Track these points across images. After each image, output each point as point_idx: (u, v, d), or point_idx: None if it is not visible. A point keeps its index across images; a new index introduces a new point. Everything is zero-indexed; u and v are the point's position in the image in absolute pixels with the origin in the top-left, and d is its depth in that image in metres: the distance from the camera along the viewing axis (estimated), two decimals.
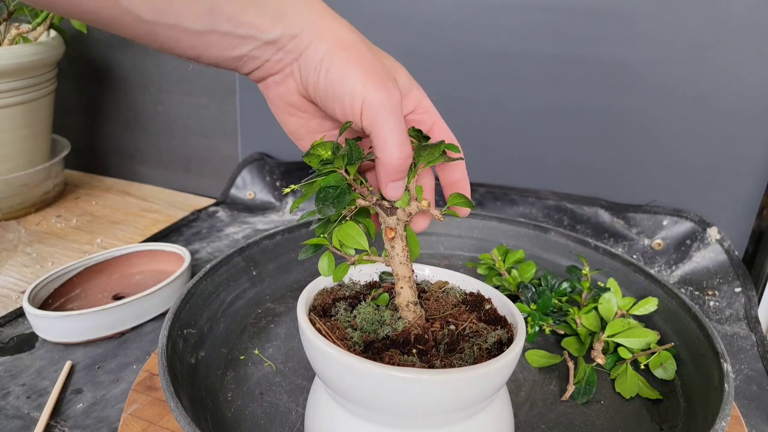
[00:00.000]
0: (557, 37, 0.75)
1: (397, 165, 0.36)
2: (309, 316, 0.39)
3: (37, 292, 0.60)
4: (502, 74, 0.79)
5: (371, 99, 0.35)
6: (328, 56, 0.35)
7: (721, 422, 0.39)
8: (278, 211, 0.91)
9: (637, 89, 0.74)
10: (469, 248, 0.74)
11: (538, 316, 0.57)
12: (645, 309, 0.55)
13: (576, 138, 0.79)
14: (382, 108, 0.35)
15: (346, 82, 0.35)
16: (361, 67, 0.35)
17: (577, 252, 0.66)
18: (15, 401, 0.49)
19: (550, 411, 0.48)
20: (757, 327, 0.63)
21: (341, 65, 0.35)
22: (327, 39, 0.36)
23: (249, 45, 0.35)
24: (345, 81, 0.35)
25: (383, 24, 0.82)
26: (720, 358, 0.45)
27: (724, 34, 0.68)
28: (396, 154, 0.35)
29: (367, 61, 0.36)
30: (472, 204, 0.39)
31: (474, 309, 0.42)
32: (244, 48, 0.35)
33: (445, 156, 0.39)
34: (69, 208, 0.92)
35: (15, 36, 0.81)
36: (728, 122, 0.72)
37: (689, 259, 0.75)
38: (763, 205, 0.74)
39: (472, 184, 0.86)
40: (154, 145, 1.07)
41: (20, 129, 0.82)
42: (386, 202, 0.39)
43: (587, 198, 0.81)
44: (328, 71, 0.35)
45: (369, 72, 0.35)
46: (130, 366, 0.54)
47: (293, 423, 0.45)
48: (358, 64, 0.35)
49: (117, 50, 1.02)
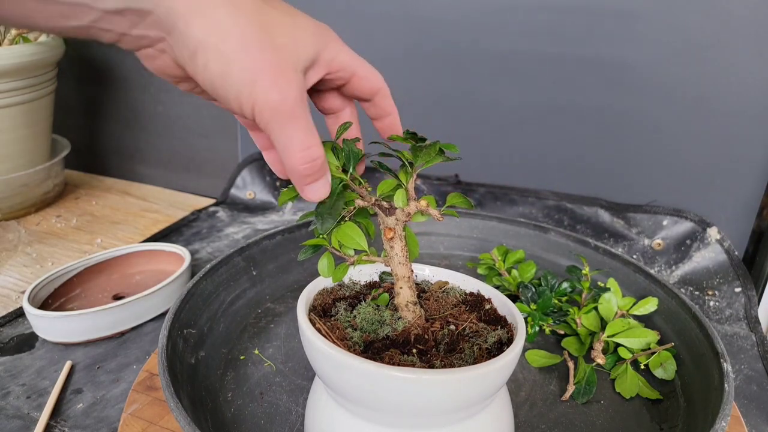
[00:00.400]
0: (557, 37, 0.75)
1: (303, 171, 0.32)
2: (309, 316, 0.39)
3: (37, 292, 0.60)
4: (502, 74, 0.79)
5: (262, 103, 0.30)
6: (203, 47, 0.29)
7: (721, 422, 0.39)
8: (278, 211, 0.91)
9: (637, 89, 0.74)
10: (469, 248, 0.74)
11: (538, 316, 0.57)
12: (645, 309, 0.55)
13: (576, 138, 0.79)
14: (276, 112, 0.30)
15: (230, 85, 0.29)
16: (248, 60, 0.29)
17: (577, 252, 0.66)
18: (15, 401, 0.49)
19: (550, 411, 0.48)
20: (757, 327, 0.63)
21: (220, 61, 0.29)
22: (199, 16, 0.28)
23: (87, 15, 0.28)
24: (227, 82, 0.29)
25: (383, 24, 0.82)
26: (720, 358, 0.45)
27: (724, 34, 0.68)
28: (299, 161, 0.32)
29: (254, 49, 0.29)
30: (471, 204, 0.39)
31: (474, 309, 0.42)
32: (83, 18, 0.28)
33: (443, 156, 0.39)
34: (69, 208, 0.92)
35: (15, 36, 0.81)
36: (728, 122, 0.72)
37: (689, 259, 0.75)
38: (763, 205, 0.74)
39: (473, 184, 0.86)
40: (154, 145, 1.07)
41: (20, 129, 0.82)
42: (385, 203, 0.39)
43: (587, 198, 0.81)
44: (205, 68, 0.29)
45: (257, 67, 0.29)
46: (130, 366, 0.54)
47: (293, 423, 0.45)
48: (242, 56, 0.29)
49: (117, 50, 1.02)
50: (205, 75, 0.30)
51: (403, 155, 0.38)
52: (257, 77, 0.29)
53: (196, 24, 0.28)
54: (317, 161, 0.33)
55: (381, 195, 0.39)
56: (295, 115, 0.31)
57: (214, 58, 0.29)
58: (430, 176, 0.87)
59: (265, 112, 0.30)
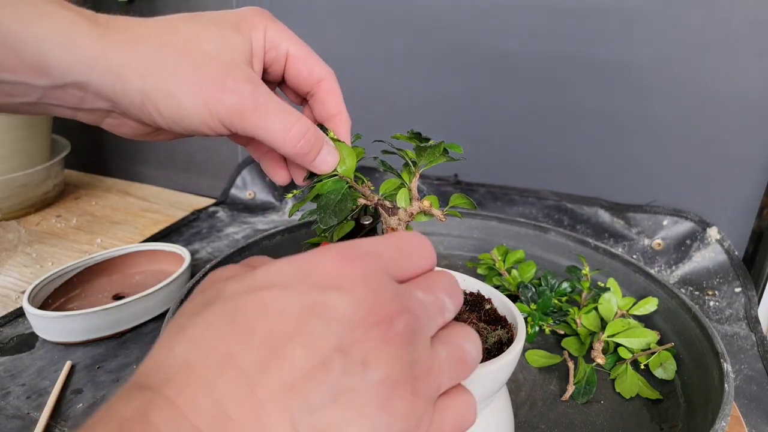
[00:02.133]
0: (557, 36, 0.75)
1: (300, 150, 0.32)
2: None
3: (37, 292, 0.60)
4: (502, 74, 0.79)
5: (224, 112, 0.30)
6: (145, 95, 0.29)
7: (721, 422, 0.39)
8: (278, 211, 0.91)
9: (637, 89, 0.74)
10: (469, 248, 0.74)
11: (538, 316, 0.57)
12: (645, 309, 0.55)
13: (576, 138, 0.79)
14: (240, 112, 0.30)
15: (189, 115, 0.29)
16: (188, 82, 0.29)
17: (577, 252, 0.66)
18: (15, 401, 0.49)
19: (550, 411, 0.48)
20: (757, 327, 0.63)
21: (166, 98, 0.29)
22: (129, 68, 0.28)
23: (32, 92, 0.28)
24: (185, 113, 0.29)
25: (383, 24, 0.82)
26: (720, 358, 0.45)
27: (724, 34, 0.68)
28: (290, 145, 0.31)
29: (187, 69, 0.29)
30: (474, 205, 0.39)
31: (474, 309, 0.42)
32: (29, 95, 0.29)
33: (447, 156, 0.39)
34: (69, 208, 0.92)
35: None
36: (728, 122, 0.72)
37: (689, 259, 0.75)
38: (763, 205, 0.74)
39: (473, 184, 0.86)
40: (154, 145, 1.07)
41: (20, 129, 0.82)
42: (387, 202, 0.39)
43: (587, 198, 0.81)
44: (159, 112, 0.29)
45: (200, 84, 0.29)
46: (130, 366, 0.54)
47: None
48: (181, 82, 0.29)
49: None
50: (164, 118, 0.29)
51: (406, 154, 0.38)
52: (205, 93, 0.29)
53: (130, 75, 0.28)
54: (308, 135, 0.32)
55: (384, 194, 0.39)
56: (259, 105, 0.30)
57: (161, 99, 0.29)
58: (430, 176, 0.87)
59: (233, 119, 0.30)
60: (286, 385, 0.20)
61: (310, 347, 0.20)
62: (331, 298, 0.21)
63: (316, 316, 0.21)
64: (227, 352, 0.20)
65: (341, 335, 0.21)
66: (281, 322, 0.21)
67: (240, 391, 0.20)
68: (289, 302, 0.21)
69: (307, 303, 0.21)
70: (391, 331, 0.21)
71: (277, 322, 0.21)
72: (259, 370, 0.20)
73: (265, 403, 0.20)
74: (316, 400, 0.20)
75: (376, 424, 0.21)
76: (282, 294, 0.21)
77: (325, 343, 0.21)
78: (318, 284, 0.22)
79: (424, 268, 0.25)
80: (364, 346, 0.21)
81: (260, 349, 0.20)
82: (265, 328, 0.21)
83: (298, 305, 0.21)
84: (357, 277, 0.22)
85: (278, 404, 0.20)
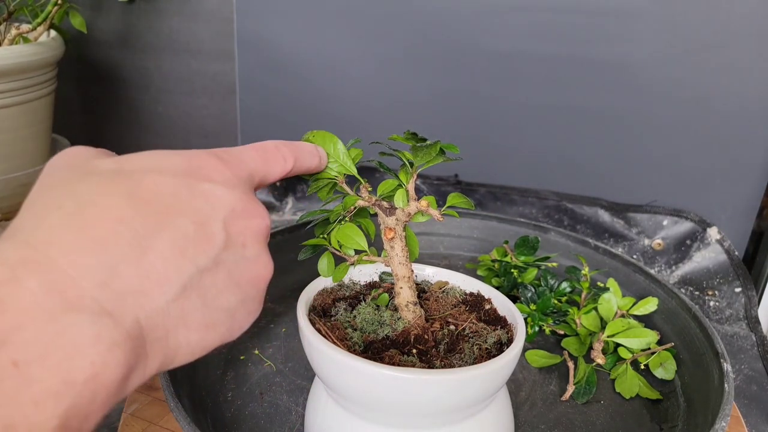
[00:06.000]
0: (557, 37, 0.75)
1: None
2: (309, 317, 0.39)
3: None
4: (502, 74, 0.79)
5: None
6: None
7: (721, 422, 0.39)
8: (278, 211, 0.91)
9: (637, 89, 0.74)
10: (469, 248, 0.73)
11: (538, 316, 0.57)
12: (645, 309, 0.55)
13: (576, 138, 0.79)
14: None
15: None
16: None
17: (577, 252, 0.66)
18: None
19: (550, 411, 0.48)
20: (757, 327, 0.63)
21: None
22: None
23: None
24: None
25: (383, 24, 0.82)
26: (720, 358, 0.45)
27: (724, 35, 0.68)
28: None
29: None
30: (472, 204, 0.39)
31: (474, 309, 0.42)
32: None
33: (444, 156, 0.39)
34: None
35: (15, 36, 0.81)
36: (728, 123, 0.72)
37: (689, 259, 0.75)
38: (763, 205, 0.74)
39: (473, 184, 0.86)
40: (154, 145, 1.07)
41: (20, 129, 0.82)
42: (385, 203, 0.39)
43: (587, 198, 0.81)
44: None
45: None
46: None
47: (293, 423, 0.45)
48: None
49: (117, 50, 1.02)
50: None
51: (403, 155, 0.38)
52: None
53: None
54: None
55: (381, 195, 0.39)
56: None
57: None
58: (430, 176, 0.87)
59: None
60: (178, 249, 0.23)
61: (199, 222, 0.24)
62: (218, 190, 0.26)
63: (205, 201, 0.25)
64: (121, 217, 0.22)
65: (226, 221, 0.26)
66: (174, 201, 0.24)
67: (132, 253, 0.22)
68: (181, 188, 0.25)
69: (198, 191, 0.25)
70: (261, 232, 0.28)
71: (171, 200, 0.24)
72: (151, 236, 0.23)
73: (154, 262, 0.22)
74: (203, 264, 0.24)
75: (247, 294, 0.27)
76: (174, 179, 0.25)
77: (212, 222, 0.25)
78: (206, 177, 0.26)
79: (286, 170, 0.33)
80: (244, 233, 0.27)
81: (155, 217, 0.23)
82: (159, 203, 0.24)
83: (189, 191, 0.25)
84: (237, 180, 0.27)
85: (168, 264, 0.23)
